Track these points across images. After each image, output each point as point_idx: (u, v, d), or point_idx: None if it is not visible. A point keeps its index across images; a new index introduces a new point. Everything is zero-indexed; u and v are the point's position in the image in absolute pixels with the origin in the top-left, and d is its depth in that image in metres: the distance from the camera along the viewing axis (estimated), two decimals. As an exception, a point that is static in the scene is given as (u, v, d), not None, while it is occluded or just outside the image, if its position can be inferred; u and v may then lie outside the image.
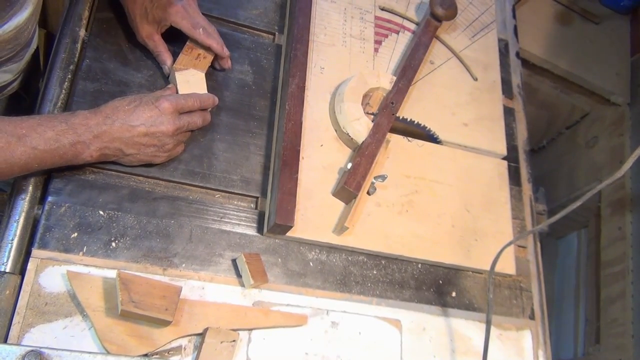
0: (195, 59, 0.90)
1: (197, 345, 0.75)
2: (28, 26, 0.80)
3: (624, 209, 1.42)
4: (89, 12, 0.91)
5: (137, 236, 0.79)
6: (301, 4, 0.98)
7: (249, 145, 0.91)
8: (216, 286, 0.80)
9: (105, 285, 0.73)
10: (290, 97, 0.90)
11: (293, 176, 0.84)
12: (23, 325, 0.70)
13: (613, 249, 1.43)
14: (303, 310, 0.83)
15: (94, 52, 0.88)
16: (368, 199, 0.90)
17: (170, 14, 0.87)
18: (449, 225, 0.94)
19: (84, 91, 0.85)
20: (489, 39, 1.14)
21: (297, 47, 0.94)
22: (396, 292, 0.90)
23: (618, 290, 1.37)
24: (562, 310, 1.60)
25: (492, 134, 1.05)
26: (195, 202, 0.85)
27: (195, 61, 0.90)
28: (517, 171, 1.09)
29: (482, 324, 0.92)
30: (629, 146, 1.47)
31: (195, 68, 0.89)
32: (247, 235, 0.85)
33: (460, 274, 0.95)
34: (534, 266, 1.02)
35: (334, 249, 0.89)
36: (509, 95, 1.16)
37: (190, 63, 0.89)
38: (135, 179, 0.83)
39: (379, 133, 0.91)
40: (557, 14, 1.54)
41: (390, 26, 1.07)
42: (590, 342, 1.44)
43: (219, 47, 0.90)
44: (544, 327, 0.98)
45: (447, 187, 0.97)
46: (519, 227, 1.04)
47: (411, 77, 0.99)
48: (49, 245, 0.75)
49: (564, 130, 1.72)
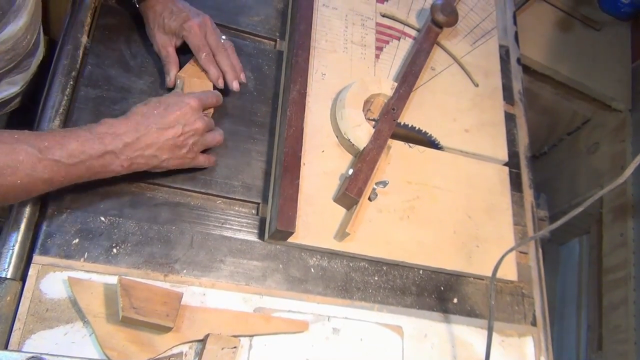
0: (202, 71, 0.90)
1: (198, 351, 0.75)
2: (27, 36, 0.79)
3: (625, 215, 1.42)
4: (91, 19, 0.91)
5: (138, 242, 0.79)
6: (302, 11, 0.99)
7: (250, 151, 0.91)
8: (217, 292, 0.80)
9: (106, 292, 0.73)
10: (292, 103, 0.90)
11: (294, 182, 0.84)
12: (24, 331, 0.69)
13: (615, 255, 1.43)
14: (304, 316, 0.83)
15: (95, 58, 0.88)
16: (369, 205, 0.90)
17: (184, 29, 0.87)
18: (450, 231, 0.94)
19: (85, 97, 0.85)
20: (490, 45, 1.14)
21: (299, 54, 0.94)
22: (397, 299, 0.90)
23: (620, 296, 1.37)
24: (564, 316, 1.60)
25: (493, 140, 1.05)
26: (197, 208, 0.85)
27: (201, 73, 0.90)
28: (519, 177, 1.09)
29: (483, 330, 0.92)
30: (630, 152, 1.47)
31: (199, 79, 0.89)
32: (248, 241, 0.85)
33: (461, 280, 0.95)
34: (535, 272, 1.02)
35: (335, 255, 0.89)
36: (510, 102, 1.16)
37: (195, 74, 0.89)
38: (137, 185, 0.83)
39: (380, 139, 0.91)
40: (557, 20, 1.54)
41: (392, 32, 1.07)
42: (592, 348, 1.43)
43: (214, 76, 0.88)
44: (546, 334, 0.97)
45: (449, 193, 0.97)
46: (521, 233, 1.04)
47: (412, 83, 0.99)
48: (50, 251, 0.75)
49: (565, 137, 1.72)
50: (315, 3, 1.02)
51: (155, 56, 0.92)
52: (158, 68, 0.91)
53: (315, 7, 1.02)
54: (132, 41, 0.91)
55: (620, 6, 1.57)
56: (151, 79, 0.90)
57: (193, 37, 0.88)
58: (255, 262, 0.84)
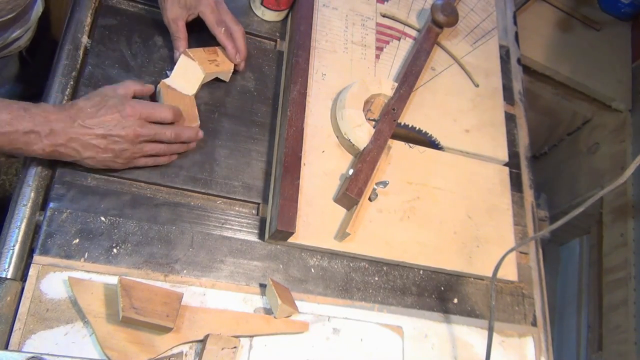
0: (209, 60, 0.90)
1: (198, 351, 0.75)
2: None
3: (625, 215, 1.42)
4: (91, 19, 0.91)
5: (138, 242, 0.79)
6: (303, 11, 0.99)
7: (251, 152, 0.91)
8: (217, 292, 0.80)
9: (106, 292, 0.73)
10: (292, 103, 0.90)
11: (294, 182, 0.84)
12: (24, 331, 0.69)
13: (615, 255, 1.43)
14: (304, 316, 0.83)
15: (96, 58, 0.88)
16: (370, 205, 0.90)
17: (202, 3, 0.88)
18: (450, 232, 0.94)
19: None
20: (490, 45, 1.14)
21: (299, 54, 0.94)
22: (398, 299, 0.90)
23: (620, 296, 1.37)
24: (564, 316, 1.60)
25: (493, 141, 1.05)
26: (197, 208, 0.85)
27: (207, 62, 0.90)
28: (519, 177, 1.09)
29: (484, 330, 0.92)
30: (631, 152, 1.47)
31: (201, 65, 0.89)
32: (249, 242, 0.85)
33: (462, 280, 0.95)
34: (536, 273, 1.02)
35: (336, 255, 0.89)
36: (511, 102, 1.16)
37: (201, 59, 0.89)
38: (137, 185, 0.83)
39: (380, 139, 0.91)
40: (558, 20, 1.54)
41: (392, 33, 1.07)
42: (592, 349, 1.43)
43: (233, 51, 0.91)
44: (546, 334, 0.97)
45: (449, 194, 0.97)
46: (521, 234, 1.04)
47: (412, 84, 0.99)
48: (51, 251, 0.75)
49: (566, 137, 1.72)
50: (316, 3, 1.03)
51: (155, 56, 0.92)
52: (158, 68, 0.91)
53: (315, 7, 1.02)
54: (132, 41, 0.91)
55: (620, 6, 1.57)
56: (151, 79, 0.90)
57: (210, 12, 0.89)
58: (256, 263, 0.84)
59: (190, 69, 0.88)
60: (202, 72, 0.89)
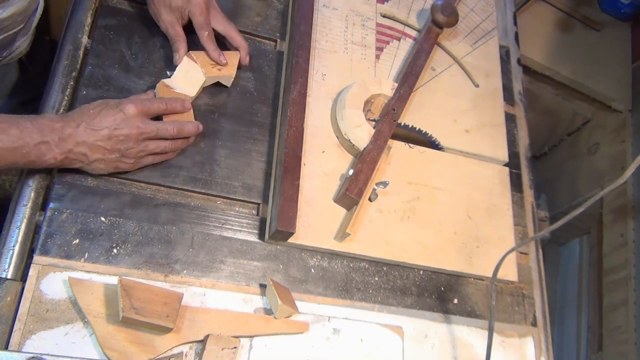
0: (211, 64, 0.90)
1: (198, 352, 0.75)
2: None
3: (626, 215, 1.42)
4: (92, 19, 0.91)
5: (138, 243, 0.79)
6: (303, 11, 0.99)
7: (251, 152, 0.91)
8: (217, 293, 0.80)
9: (106, 292, 0.73)
10: (292, 103, 0.90)
11: (294, 182, 0.84)
12: (24, 331, 0.69)
13: (615, 255, 1.43)
14: (304, 317, 0.83)
15: (96, 59, 0.88)
16: (370, 206, 0.90)
17: (191, 3, 0.88)
18: (450, 232, 0.94)
19: (86, 98, 0.85)
20: (490, 45, 1.14)
21: (299, 54, 0.94)
22: (398, 299, 0.90)
23: (621, 297, 1.37)
24: (564, 317, 1.60)
25: (493, 141, 1.05)
26: (197, 208, 0.85)
27: (210, 66, 0.90)
28: (519, 178, 1.09)
29: (484, 331, 0.92)
30: (631, 153, 1.47)
31: (203, 69, 0.89)
32: (249, 242, 0.85)
33: (462, 280, 0.95)
34: (536, 273, 1.02)
35: (336, 255, 0.89)
36: (511, 102, 1.16)
37: (204, 62, 0.89)
38: (137, 185, 0.83)
39: (380, 139, 0.91)
40: (558, 20, 1.54)
41: (392, 33, 1.07)
42: (592, 349, 1.43)
43: (214, 53, 0.90)
44: (546, 334, 0.97)
45: (449, 194, 0.97)
46: (521, 234, 1.04)
47: (413, 84, 0.99)
48: (51, 251, 0.75)
49: (566, 137, 1.72)
50: (316, 3, 1.03)
51: (155, 56, 0.92)
52: (158, 68, 0.91)
53: (315, 7, 1.02)
54: (132, 42, 0.91)
55: (620, 6, 1.57)
56: (151, 79, 0.90)
57: (199, 13, 0.88)
58: (256, 263, 0.84)
59: (192, 72, 0.88)
60: (203, 75, 0.89)
